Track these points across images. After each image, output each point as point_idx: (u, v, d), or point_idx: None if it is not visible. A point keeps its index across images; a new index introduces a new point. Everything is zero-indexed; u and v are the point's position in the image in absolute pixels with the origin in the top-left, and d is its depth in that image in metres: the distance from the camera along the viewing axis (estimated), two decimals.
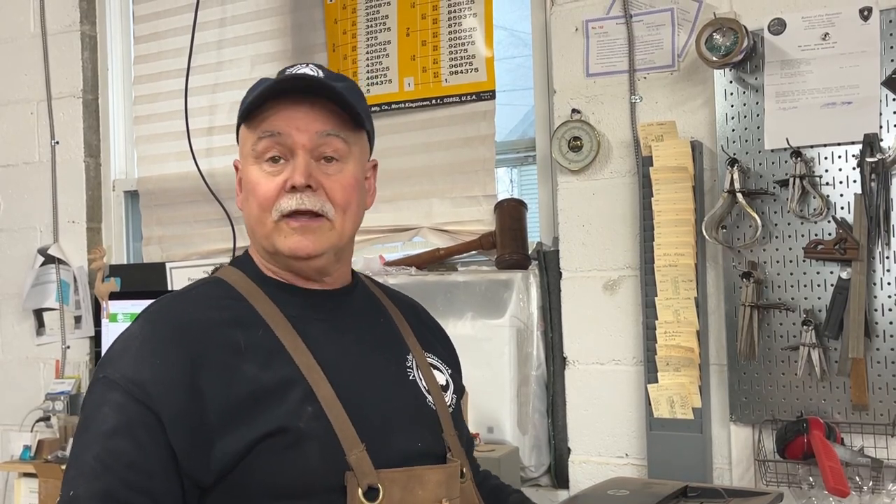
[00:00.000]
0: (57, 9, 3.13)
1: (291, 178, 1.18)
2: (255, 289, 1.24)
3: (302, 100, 1.20)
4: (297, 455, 1.12)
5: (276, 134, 1.20)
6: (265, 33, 2.92)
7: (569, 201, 2.37)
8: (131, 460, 1.08)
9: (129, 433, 1.09)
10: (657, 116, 2.26)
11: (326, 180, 1.21)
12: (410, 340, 1.33)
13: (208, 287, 1.27)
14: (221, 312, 1.20)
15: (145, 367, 1.12)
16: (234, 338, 1.16)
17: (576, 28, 2.37)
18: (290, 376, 1.15)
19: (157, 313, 1.21)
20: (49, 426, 2.95)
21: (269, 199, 1.20)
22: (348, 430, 1.14)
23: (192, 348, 1.14)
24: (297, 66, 1.26)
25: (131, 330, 1.19)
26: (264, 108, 1.20)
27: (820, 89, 2.05)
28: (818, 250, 2.03)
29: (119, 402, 1.11)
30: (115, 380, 1.12)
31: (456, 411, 1.33)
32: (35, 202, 3.14)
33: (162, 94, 3.07)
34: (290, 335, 1.19)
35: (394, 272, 2.56)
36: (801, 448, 1.99)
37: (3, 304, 3.17)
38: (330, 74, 1.26)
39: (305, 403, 1.14)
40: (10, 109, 3.19)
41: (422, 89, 2.64)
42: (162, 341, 1.15)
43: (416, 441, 1.22)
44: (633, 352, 2.28)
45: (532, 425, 2.39)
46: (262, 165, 1.21)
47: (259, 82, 1.26)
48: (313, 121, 1.20)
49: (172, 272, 2.95)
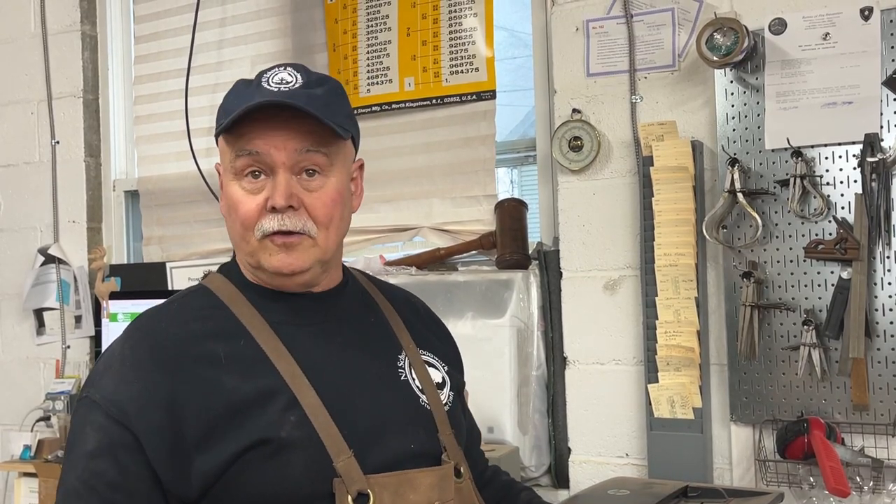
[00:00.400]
0: (57, 9, 3.13)
1: (272, 200, 1.16)
2: (238, 296, 1.23)
3: (279, 114, 1.17)
4: (280, 465, 1.11)
5: (254, 153, 1.17)
6: (265, 33, 2.92)
7: (569, 201, 2.37)
8: (113, 481, 1.10)
9: (109, 454, 1.10)
10: (658, 116, 2.26)
11: (308, 197, 1.18)
12: (404, 338, 1.31)
13: (191, 297, 1.26)
14: (203, 324, 1.19)
15: (123, 387, 1.13)
16: (214, 350, 1.16)
17: (576, 28, 2.36)
18: (271, 385, 1.14)
19: (137, 330, 1.21)
20: (49, 426, 2.95)
21: (250, 218, 1.18)
22: (335, 437, 1.13)
23: (171, 365, 1.14)
24: (276, 70, 1.22)
25: (113, 348, 1.20)
26: (242, 124, 1.17)
27: (820, 89, 2.05)
28: (819, 250, 2.03)
29: (100, 423, 1.12)
30: (97, 400, 1.13)
31: (454, 408, 1.31)
32: (35, 202, 3.14)
33: (162, 94, 3.07)
34: (273, 342, 1.18)
35: (394, 272, 2.56)
36: (801, 448, 1.99)
37: (3, 304, 3.17)
38: (309, 79, 1.22)
39: (288, 412, 1.13)
40: (10, 109, 3.20)
41: (422, 89, 2.64)
42: (140, 362, 1.15)
43: (409, 443, 1.21)
44: (633, 352, 2.28)
45: (532, 425, 2.39)
46: (242, 182, 1.19)
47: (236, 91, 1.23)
48: (291, 138, 1.17)
49: (172, 272, 2.95)
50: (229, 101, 1.22)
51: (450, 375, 1.34)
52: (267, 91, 1.19)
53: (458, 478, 1.24)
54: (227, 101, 1.23)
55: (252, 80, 1.24)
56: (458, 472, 1.25)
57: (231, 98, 1.23)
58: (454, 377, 1.36)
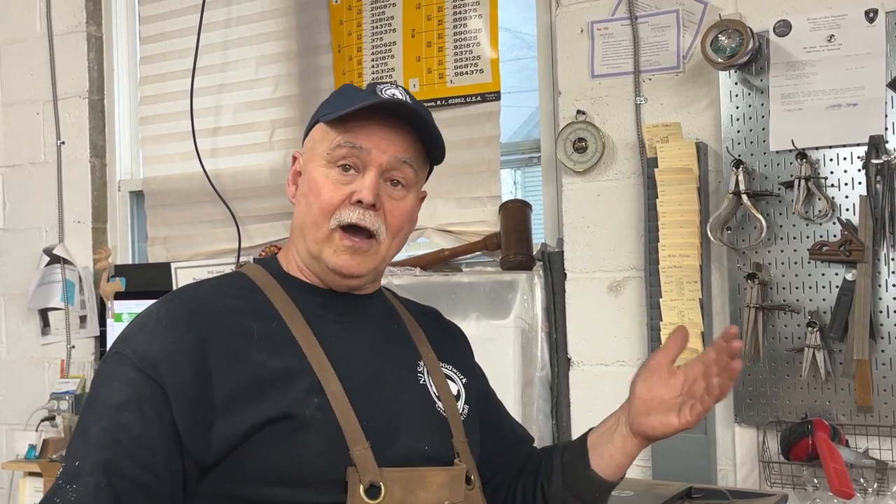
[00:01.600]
0: (63, 10, 3.14)
1: (360, 193, 1.20)
2: (274, 284, 1.26)
3: (389, 119, 1.22)
4: (300, 442, 1.13)
5: (357, 147, 1.21)
6: (270, 34, 2.93)
7: (573, 202, 2.38)
8: (138, 434, 1.09)
9: (137, 407, 1.10)
10: (662, 118, 2.26)
11: (388, 203, 1.23)
12: (424, 349, 1.34)
13: (228, 279, 1.30)
14: (238, 301, 1.22)
15: (157, 344, 1.14)
16: (247, 325, 1.18)
17: (581, 29, 2.37)
18: (298, 367, 1.17)
19: (175, 297, 1.24)
20: (54, 426, 2.96)
21: (332, 205, 1.21)
22: (354, 426, 1.15)
23: (205, 331, 1.16)
24: (387, 86, 1.25)
25: (149, 311, 1.21)
26: (353, 118, 1.21)
27: (825, 91, 2.05)
28: (823, 252, 2.03)
29: (129, 377, 1.12)
30: (128, 355, 1.14)
31: (468, 420, 1.33)
32: (41, 202, 3.15)
33: (168, 95, 3.08)
34: (304, 330, 1.21)
35: (398, 273, 2.57)
36: (805, 450, 1.99)
37: (8, 304, 3.18)
38: (416, 101, 1.27)
39: (312, 394, 1.15)
40: (16, 110, 3.21)
41: (427, 90, 2.64)
42: (176, 322, 1.16)
43: (423, 444, 1.23)
44: (637, 353, 2.28)
45: (536, 426, 2.39)
46: (332, 170, 1.22)
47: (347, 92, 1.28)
48: (396, 144, 1.22)
49: (177, 272, 2.96)
50: (342, 99, 1.26)
51: (466, 388, 1.36)
52: (383, 96, 1.23)
53: (468, 484, 1.25)
54: (338, 98, 1.27)
55: (364, 87, 1.28)
56: (468, 479, 1.25)
57: (343, 97, 1.27)
58: (471, 389, 1.37)
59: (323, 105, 1.29)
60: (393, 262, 2.63)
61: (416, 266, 2.59)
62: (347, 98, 1.25)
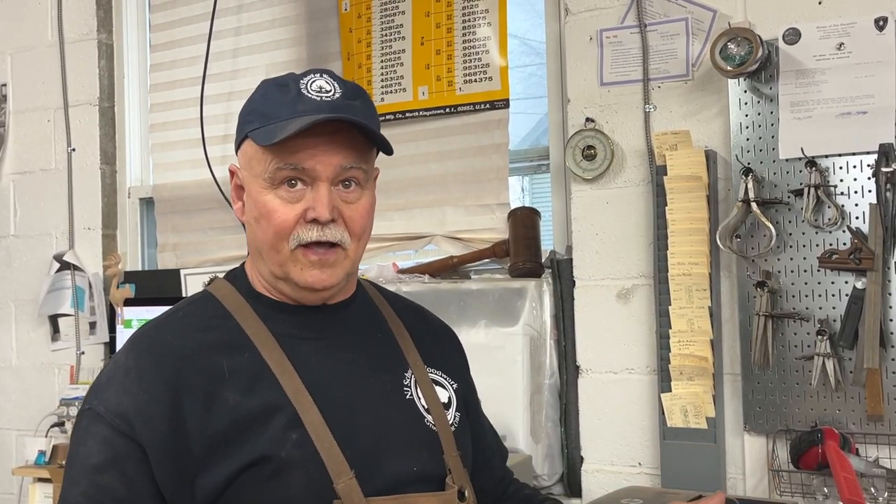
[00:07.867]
0: (74, 18, 3.16)
1: (314, 211, 1.15)
2: (244, 306, 1.21)
3: (325, 127, 1.15)
4: (279, 485, 1.10)
5: (299, 168, 1.15)
6: (280, 42, 2.94)
7: (582, 210, 2.38)
8: (119, 496, 1.08)
9: (115, 468, 1.09)
10: (671, 125, 2.26)
11: (346, 209, 1.18)
12: (411, 356, 1.29)
13: (196, 305, 1.25)
14: (207, 334, 1.18)
15: (128, 399, 1.11)
16: (218, 363, 1.14)
17: (590, 37, 2.37)
18: (274, 401, 1.13)
19: (143, 339, 1.19)
20: (63, 431, 2.96)
21: (287, 227, 1.16)
22: (336, 457, 1.12)
23: (175, 378, 1.12)
24: (312, 77, 1.19)
25: (117, 359, 1.18)
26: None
27: (835, 99, 2.05)
28: (833, 260, 2.03)
29: (104, 436, 1.10)
30: (101, 413, 1.11)
31: (460, 429, 1.29)
32: (51, 209, 3.16)
33: (177, 102, 3.10)
34: (278, 356, 1.16)
35: (407, 280, 2.57)
36: (815, 458, 1.98)
37: (18, 310, 3.20)
38: (345, 89, 1.20)
39: (290, 430, 1.12)
40: (27, 117, 3.22)
41: (436, 98, 2.65)
42: (144, 372, 1.13)
43: (412, 465, 1.19)
44: (646, 361, 2.27)
45: (545, 434, 2.39)
46: (278, 191, 1.17)
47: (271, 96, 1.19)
48: (336, 153, 1.16)
49: (187, 279, 2.97)
50: (266, 105, 1.19)
51: (457, 394, 1.32)
52: (309, 100, 1.17)
53: (461, 502, 1.22)
54: (261, 105, 1.20)
55: (287, 85, 1.20)
56: (462, 495, 1.22)
57: (267, 102, 1.20)
58: (461, 394, 1.33)
59: (247, 113, 1.22)
60: (401, 270, 2.65)
61: (424, 273, 2.59)
62: (272, 106, 1.18)
